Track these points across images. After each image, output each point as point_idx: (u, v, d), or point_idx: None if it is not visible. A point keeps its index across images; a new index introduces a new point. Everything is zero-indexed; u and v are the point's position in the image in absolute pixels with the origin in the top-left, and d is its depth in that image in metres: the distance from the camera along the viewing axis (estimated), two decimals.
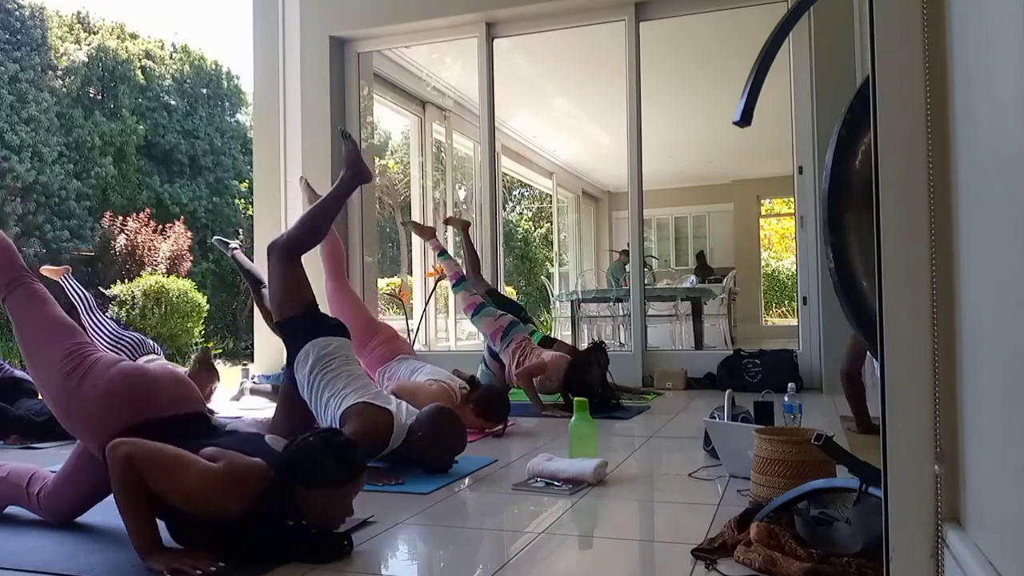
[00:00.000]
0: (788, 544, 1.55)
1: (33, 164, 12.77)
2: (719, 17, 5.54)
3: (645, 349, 5.46)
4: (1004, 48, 0.87)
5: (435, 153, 8.43)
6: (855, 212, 1.57)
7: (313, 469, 1.69)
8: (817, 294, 4.90)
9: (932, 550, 1.13)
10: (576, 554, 1.81)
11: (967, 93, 1.04)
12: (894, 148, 1.16)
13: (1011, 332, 0.87)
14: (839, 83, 4.65)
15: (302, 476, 1.68)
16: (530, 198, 17.10)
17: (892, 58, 1.16)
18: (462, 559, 1.79)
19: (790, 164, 5.18)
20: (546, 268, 15.82)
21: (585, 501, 2.19)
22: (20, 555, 1.76)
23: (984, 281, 0.99)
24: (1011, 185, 0.85)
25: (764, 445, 2.02)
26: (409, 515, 2.08)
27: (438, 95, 7.69)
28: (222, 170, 16.82)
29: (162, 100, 16.35)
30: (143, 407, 1.82)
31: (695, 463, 2.62)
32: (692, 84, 7.96)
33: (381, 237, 12.74)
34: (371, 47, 6.17)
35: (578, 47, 6.61)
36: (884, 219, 1.16)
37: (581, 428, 2.65)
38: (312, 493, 1.69)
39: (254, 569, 1.62)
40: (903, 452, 1.15)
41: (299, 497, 1.69)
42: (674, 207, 12.54)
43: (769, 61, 1.58)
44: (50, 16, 14.99)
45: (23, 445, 3.36)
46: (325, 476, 1.69)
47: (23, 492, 2.04)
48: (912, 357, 1.14)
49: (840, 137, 1.60)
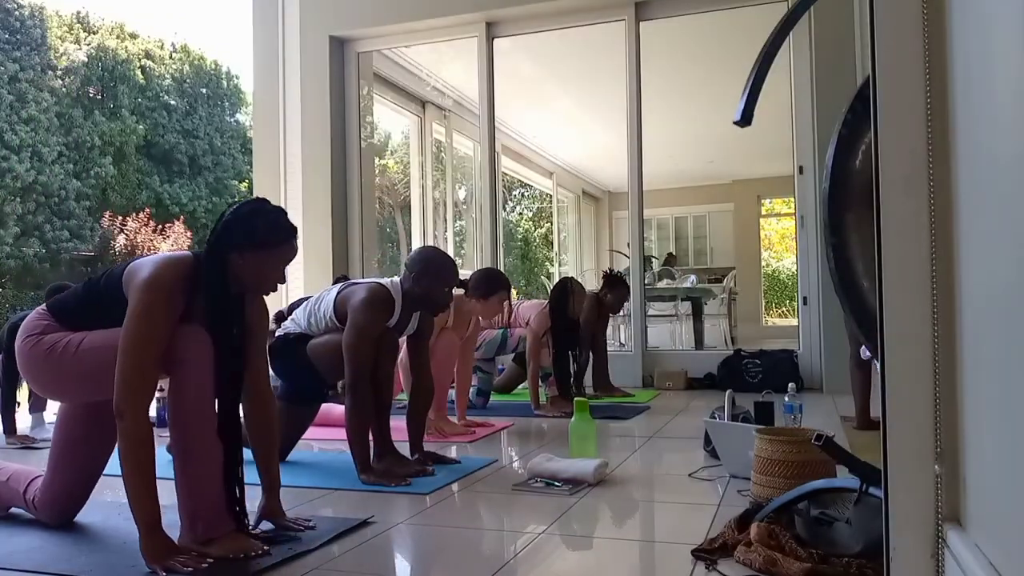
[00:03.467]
0: (788, 544, 1.55)
1: (33, 164, 12.77)
2: (719, 17, 5.54)
3: (645, 349, 5.46)
4: (1004, 48, 0.87)
5: (435, 153, 8.42)
6: (855, 212, 1.57)
7: (247, 233, 1.76)
8: (817, 294, 4.90)
9: (932, 550, 1.13)
10: (576, 554, 1.80)
11: (967, 92, 1.04)
12: (894, 148, 1.16)
13: (1012, 332, 0.87)
14: (839, 83, 4.65)
15: (236, 240, 1.75)
16: (530, 198, 17.10)
17: (892, 58, 1.16)
18: (462, 559, 1.79)
19: (790, 164, 5.18)
20: (546, 268, 15.83)
21: (585, 501, 2.19)
22: (20, 555, 1.76)
23: (985, 281, 0.99)
24: (1012, 184, 0.85)
25: (764, 445, 2.02)
26: (409, 515, 2.08)
27: (438, 95, 7.68)
28: (222, 170, 16.83)
29: (162, 100, 16.36)
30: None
31: (695, 463, 2.62)
32: (692, 84, 7.96)
33: (381, 237, 12.74)
34: (371, 47, 6.17)
35: (578, 47, 6.60)
36: (884, 219, 1.16)
37: (581, 428, 2.65)
38: (247, 256, 1.76)
39: (250, 567, 1.62)
40: (903, 452, 1.15)
41: (234, 264, 1.76)
42: (674, 207, 12.52)
43: (769, 61, 1.58)
44: (50, 16, 15.00)
45: (23, 445, 3.37)
46: (260, 237, 1.76)
47: (20, 496, 2.05)
48: (912, 357, 1.14)
49: (840, 137, 1.60)
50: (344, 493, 2.37)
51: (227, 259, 1.76)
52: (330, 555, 1.73)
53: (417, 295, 2.62)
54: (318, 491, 2.36)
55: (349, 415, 2.47)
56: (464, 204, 9.27)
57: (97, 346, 1.77)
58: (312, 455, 2.86)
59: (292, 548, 1.74)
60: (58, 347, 1.81)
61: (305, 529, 1.87)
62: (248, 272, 1.78)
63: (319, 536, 1.83)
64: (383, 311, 2.61)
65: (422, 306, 2.68)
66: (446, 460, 2.72)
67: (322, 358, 2.67)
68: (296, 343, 2.72)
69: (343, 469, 2.71)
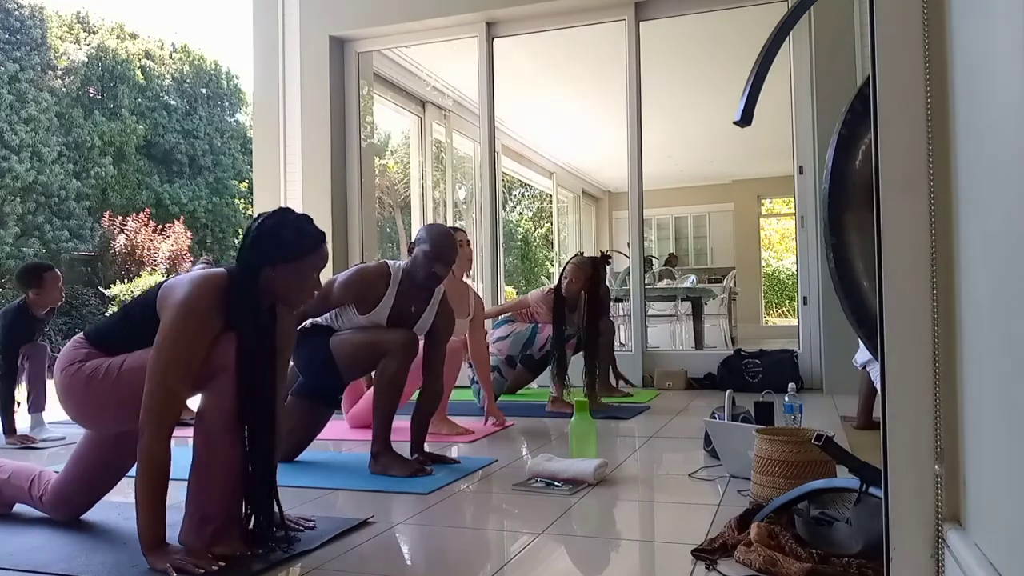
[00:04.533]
0: (788, 544, 1.55)
1: (33, 164, 12.76)
2: (719, 17, 5.54)
3: (645, 349, 5.46)
4: (1004, 47, 0.87)
5: (435, 153, 8.42)
6: (855, 212, 1.57)
7: (276, 246, 1.75)
8: (817, 294, 4.90)
9: (933, 550, 1.13)
10: (576, 554, 1.80)
11: (967, 92, 1.04)
12: (894, 148, 1.16)
13: (1012, 332, 0.87)
14: (839, 83, 4.65)
15: (267, 256, 1.74)
16: (530, 198, 17.09)
17: (892, 58, 1.16)
18: (462, 559, 1.79)
19: (790, 164, 5.18)
20: (546, 268, 15.83)
21: (585, 501, 2.19)
22: (20, 555, 1.75)
23: (985, 281, 0.99)
24: (1012, 185, 0.85)
25: (764, 445, 2.02)
26: (409, 515, 2.08)
27: (438, 95, 7.68)
28: (222, 170, 16.82)
29: (162, 100, 16.35)
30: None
31: (695, 463, 2.62)
32: (692, 84, 7.96)
33: (381, 237, 12.73)
34: (371, 47, 6.17)
35: (578, 47, 6.60)
36: (884, 219, 1.16)
37: (581, 428, 2.65)
38: (278, 270, 1.75)
39: (254, 568, 1.62)
40: (904, 452, 1.15)
41: (267, 279, 1.75)
42: (674, 207, 12.52)
43: (769, 61, 1.58)
44: (50, 16, 15.00)
45: (24, 445, 3.37)
46: (289, 249, 1.75)
47: (26, 493, 2.05)
48: (912, 357, 1.14)
49: (840, 137, 1.60)
50: (344, 493, 2.37)
51: (259, 274, 1.75)
52: (330, 555, 1.73)
53: (420, 262, 2.69)
54: (318, 491, 2.36)
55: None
56: (464, 204, 9.27)
57: (137, 367, 1.74)
58: (312, 455, 2.86)
59: (292, 548, 1.74)
60: (99, 372, 1.78)
61: (305, 529, 1.87)
62: (282, 285, 1.76)
63: (319, 536, 1.83)
64: (375, 276, 2.71)
65: (423, 275, 2.70)
66: (446, 460, 2.73)
67: (342, 353, 2.69)
68: (323, 333, 2.74)
69: (343, 469, 2.71)
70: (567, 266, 4.28)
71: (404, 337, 2.63)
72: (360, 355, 2.67)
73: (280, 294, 1.79)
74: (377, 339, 2.64)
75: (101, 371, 1.79)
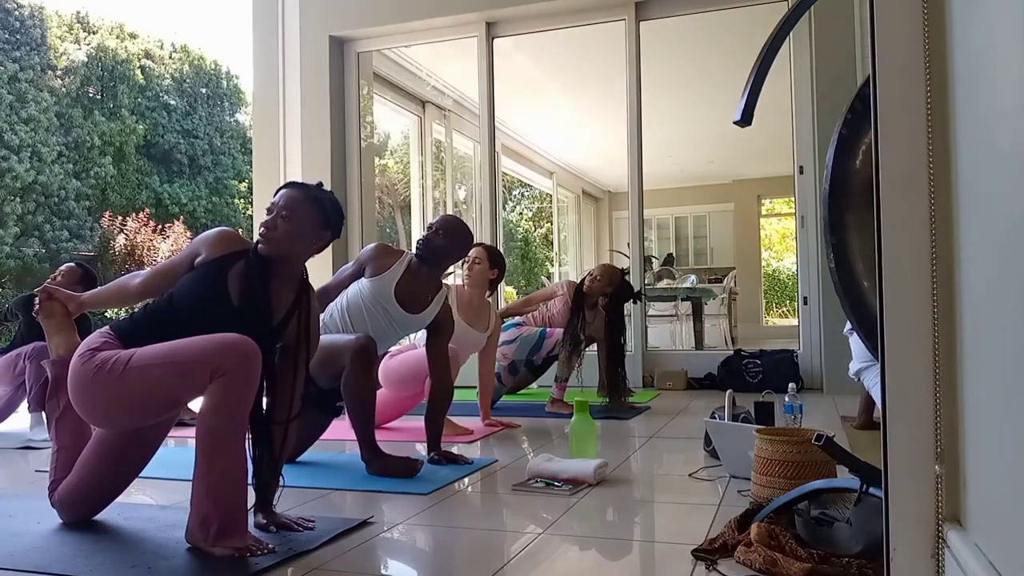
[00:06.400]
0: (789, 545, 1.55)
1: (33, 164, 12.76)
2: (719, 17, 5.54)
3: (645, 349, 5.46)
4: (1004, 47, 0.87)
5: (435, 153, 8.42)
6: (855, 212, 1.57)
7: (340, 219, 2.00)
8: (818, 294, 4.90)
9: (933, 550, 1.13)
10: (576, 554, 1.80)
11: (967, 92, 1.04)
12: (895, 148, 1.16)
13: (1012, 332, 0.87)
14: (839, 83, 4.65)
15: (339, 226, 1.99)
16: (530, 198, 17.10)
17: (892, 58, 1.16)
18: (462, 559, 1.79)
19: (790, 164, 5.18)
20: (546, 268, 15.83)
21: (585, 501, 2.19)
22: (20, 555, 1.75)
23: (985, 281, 0.99)
24: (1012, 185, 0.85)
25: (764, 445, 2.02)
26: (409, 515, 2.08)
27: (438, 95, 7.68)
28: (222, 170, 16.81)
29: (161, 100, 16.34)
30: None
31: (695, 463, 2.62)
32: (692, 84, 7.96)
33: (381, 237, 12.73)
34: (371, 47, 6.17)
35: (578, 47, 6.60)
36: (884, 219, 1.16)
37: (581, 428, 2.65)
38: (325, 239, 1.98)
39: (251, 567, 1.62)
40: (904, 452, 1.15)
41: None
42: (674, 207, 12.52)
43: (769, 61, 1.58)
44: (49, 16, 14.99)
45: (23, 445, 3.36)
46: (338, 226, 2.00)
47: (48, 479, 2.02)
48: (912, 357, 1.14)
49: (841, 137, 1.60)
50: (344, 493, 2.37)
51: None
52: (330, 555, 1.73)
53: (435, 245, 2.82)
54: (318, 491, 2.36)
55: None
56: (464, 204, 9.27)
57: (146, 362, 1.73)
58: (312, 455, 2.86)
59: (292, 548, 1.74)
60: (106, 366, 1.75)
61: (305, 529, 1.87)
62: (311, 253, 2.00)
63: (319, 536, 1.82)
64: (393, 247, 2.95)
65: (437, 258, 2.83)
66: (461, 460, 2.72)
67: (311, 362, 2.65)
68: None
69: (343, 469, 2.71)
70: (598, 266, 4.35)
71: (358, 342, 2.57)
72: (321, 358, 2.51)
73: (305, 257, 1.97)
74: (332, 344, 2.59)
75: (108, 365, 1.75)
